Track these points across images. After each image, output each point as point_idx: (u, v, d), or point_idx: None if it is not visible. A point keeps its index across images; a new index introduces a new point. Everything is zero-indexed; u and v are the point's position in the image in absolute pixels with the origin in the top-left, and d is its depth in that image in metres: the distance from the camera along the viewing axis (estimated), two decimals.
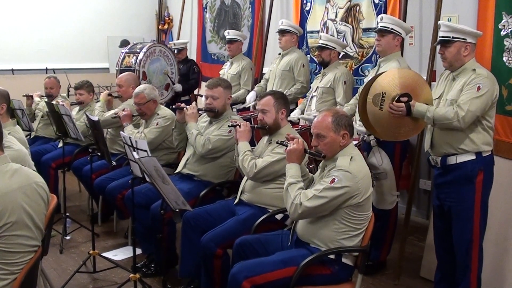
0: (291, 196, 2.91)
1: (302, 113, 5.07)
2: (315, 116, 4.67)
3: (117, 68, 6.66)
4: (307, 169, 3.45)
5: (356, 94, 4.54)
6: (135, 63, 6.34)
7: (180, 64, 7.00)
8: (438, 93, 3.47)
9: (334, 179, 2.82)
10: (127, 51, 6.67)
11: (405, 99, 3.37)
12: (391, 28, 4.07)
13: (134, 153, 3.35)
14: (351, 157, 2.89)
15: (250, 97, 5.88)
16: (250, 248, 3.11)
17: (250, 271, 2.83)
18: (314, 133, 3.00)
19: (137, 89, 4.75)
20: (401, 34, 4.11)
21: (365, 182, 2.87)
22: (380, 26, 4.11)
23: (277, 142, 3.33)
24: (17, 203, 2.41)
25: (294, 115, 4.94)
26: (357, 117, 4.18)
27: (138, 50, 6.50)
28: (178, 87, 6.73)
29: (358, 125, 4.01)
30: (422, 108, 3.34)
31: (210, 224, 3.52)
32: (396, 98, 3.39)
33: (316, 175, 3.16)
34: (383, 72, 3.64)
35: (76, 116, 5.51)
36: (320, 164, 3.14)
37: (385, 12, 5.11)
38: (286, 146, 3.10)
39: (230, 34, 6.38)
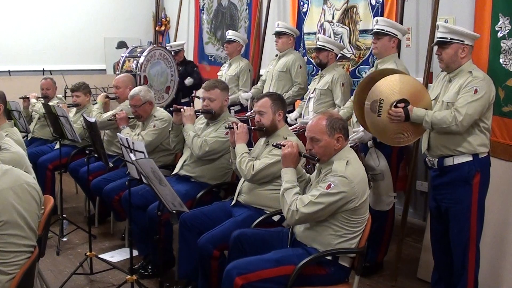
0: (287, 202, 2.90)
1: (300, 115, 5.08)
2: None
3: (117, 72, 6.66)
4: (304, 170, 3.46)
5: (352, 97, 4.54)
6: (136, 68, 6.33)
7: (179, 66, 7.00)
8: (434, 95, 3.47)
9: (330, 184, 2.80)
10: (127, 55, 6.65)
11: (402, 104, 3.36)
12: (386, 31, 4.08)
13: (131, 155, 3.34)
14: (347, 161, 2.88)
15: (246, 96, 5.91)
16: (248, 241, 3.10)
17: (244, 268, 2.83)
18: (308, 137, 2.98)
19: (132, 92, 4.73)
20: (397, 35, 4.12)
21: (361, 186, 2.86)
22: (376, 29, 4.12)
23: (273, 145, 3.32)
24: (8, 202, 2.41)
25: (291, 117, 4.93)
26: (353, 119, 4.19)
27: (138, 54, 6.48)
28: (189, 80, 6.81)
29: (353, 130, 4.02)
30: (420, 112, 3.32)
31: (207, 225, 3.52)
32: (394, 104, 3.38)
33: (313, 176, 3.16)
34: (379, 70, 3.65)
35: (73, 119, 5.49)
36: (316, 167, 3.14)
37: (382, 14, 5.13)
38: (281, 148, 3.09)
39: (229, 34, 6.40)
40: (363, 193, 2.87)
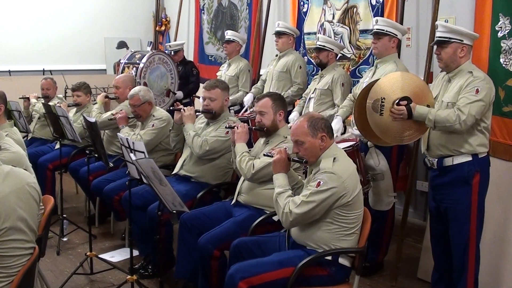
0: (280, 205, 2.93)
1: (301, 114, 5.07)
2: None
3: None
4: (303, 170, 3.45)
5: (350, 95, 4.53)
6: (136, 75, 6.32)
7: (179, 66, 6.99)
8: (434, 95, 3.46)
9: (319, 182, 2.83)
10: (127, 61, 6.64)
11: (404, 102, 3.33)
12: (386, 31, 4.08)
13: (131, 155, 3.34)
14: (334, 158, 2.91)
15: (248, 99, 5.88)
16: (247, 249, 3.11)
17: (247, 272, 2.84)
18: (293, 140, 3.02)
19: (132, 91, 4.74)
20: (396, 35, 4.12)
21: (351, 180, 2.88)
22: (376, 29, 4.12)
23: (264, 154, 3.35)
24: (11, 208, 2.41)
25: (293, 118, 4.93)
26: (353, 118, 4.18)
27: (137, 61, 6.47)
28: (180, 94, 6.75)
29: (354, 129, 4.01)
30: (423, 110, 3.29)
31: (207, 225, 3.52)
32: (396, 102, 3.35)
33: (306, 180, 3.17)
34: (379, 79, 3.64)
35: (73, 118, 5.50)
36: (307, 170, 3.15)
37: (382, 14, 5.13)
38: (271, 157, 3.14)
39: (228, 34, 6.39)
40: (354, 188, 2.88)
